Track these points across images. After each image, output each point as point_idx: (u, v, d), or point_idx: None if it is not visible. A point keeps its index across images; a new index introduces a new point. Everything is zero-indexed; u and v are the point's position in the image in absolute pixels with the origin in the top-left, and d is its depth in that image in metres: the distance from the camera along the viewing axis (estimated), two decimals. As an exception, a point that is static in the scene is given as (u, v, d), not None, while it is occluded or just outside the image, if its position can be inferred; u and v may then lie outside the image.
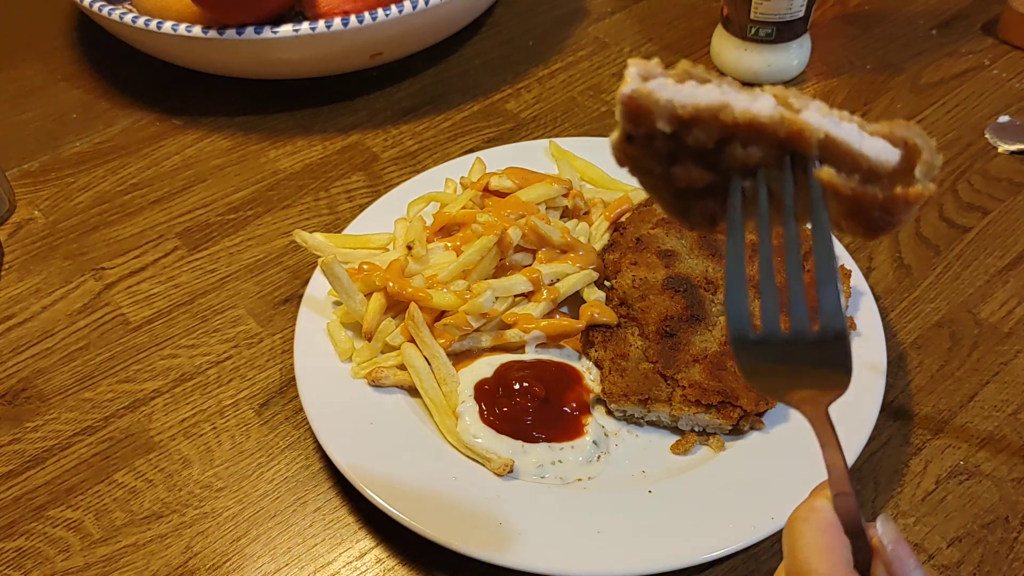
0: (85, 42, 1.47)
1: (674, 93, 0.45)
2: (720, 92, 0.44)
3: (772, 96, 0.44)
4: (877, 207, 0.43)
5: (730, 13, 1.26)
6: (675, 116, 0.44)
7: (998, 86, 1.28)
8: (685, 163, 0.46)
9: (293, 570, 0.80)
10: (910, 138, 0.43)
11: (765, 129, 0.43)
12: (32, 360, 0.98)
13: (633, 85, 0.45)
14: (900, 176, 0.43)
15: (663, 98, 0.44)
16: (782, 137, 0.43)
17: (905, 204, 0.43)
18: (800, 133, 0.43)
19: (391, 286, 0.88)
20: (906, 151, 0.43)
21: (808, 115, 0.43)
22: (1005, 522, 0.80)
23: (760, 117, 0.43)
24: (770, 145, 0.44)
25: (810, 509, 0.50)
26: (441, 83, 1.34)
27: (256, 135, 1.27)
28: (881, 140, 0.44)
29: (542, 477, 0.80)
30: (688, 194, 0.48)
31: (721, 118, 0.43)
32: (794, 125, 0.43)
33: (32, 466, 0.88)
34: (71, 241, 1.12)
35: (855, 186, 0.43)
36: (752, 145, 0.44)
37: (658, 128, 0.45)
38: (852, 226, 0.46)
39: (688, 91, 0.45)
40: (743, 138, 0.44)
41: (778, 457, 0.80)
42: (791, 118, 0.43)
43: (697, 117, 0.44)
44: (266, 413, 0.92)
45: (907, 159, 0.43)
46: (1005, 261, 1.04)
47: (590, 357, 0.90)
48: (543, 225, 0.93)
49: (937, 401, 0.90)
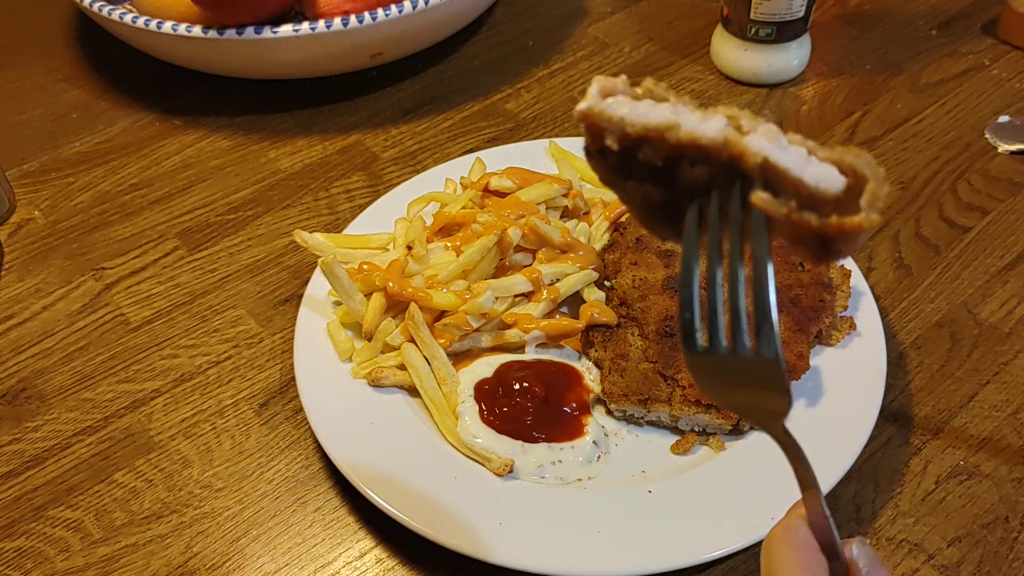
0: (85, 42, 1.47)
1: (627, 111, 0.45)
2: (672, 111, 0.45)
3: (724, 116, 0.44)
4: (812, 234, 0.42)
5: (730, 13, 1.26)
6: (624, 134, 0.45)
7: (998, 86, 1.28)
8: (640, 179, 0.47)
9: (293, 570, 0.80)
10: (859, 166, 0.42)
11: (708, 150, 0.44)
12: (32, 360, 0.98)
13: (589, 102, 0.46)
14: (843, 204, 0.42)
15: (615, 116, 0.45)
16: (725, 159, 0.44)
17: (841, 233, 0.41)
18: (741, 156, 0.43)
19: (391, 286, 0.88)
20: (853, 179, 0.43)
21: (752, 138, 0.43)
22: (1005, 522, 0.80)
23: (703, 139, 0.43)
24: (716, 166, 0.44)
25: (786, 528, 0.50)
26: (441, 83, 1.34)
27: (256, 135, 1.27)
28: (829, 166, 0.43)
29: (542, 477, 0.80)
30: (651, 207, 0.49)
31: (667, 137, 0.44)
32: (735, 148, 0.43)
33: (32, 466, 0.88)
34: (71, 241, 1.12)
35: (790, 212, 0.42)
36: (699, 165, 0.45)
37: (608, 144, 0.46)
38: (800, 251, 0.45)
39: (642, 109, 0.45)
40: (690, 157, 0.45)
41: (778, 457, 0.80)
42: (733, 141, 0.43)
43: (645, 136, 0.45)
44: (266, 413, 0.92)
45: (853, 187, 0.42)
46: (1005, 261, 1.04)
47: (590, 357, 0.90)
48: (543, 225, 0.93)
49: (937, 401, 0.90)
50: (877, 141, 1.21)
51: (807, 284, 0.89)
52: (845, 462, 0.78)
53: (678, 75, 1.34)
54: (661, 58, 1.37)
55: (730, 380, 0.47)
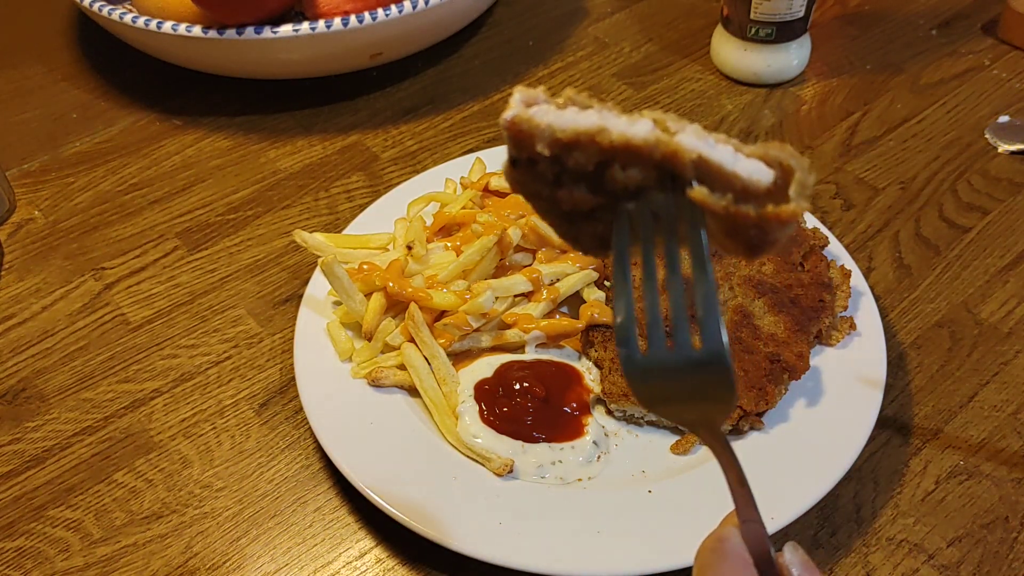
0: (85, 42, 1.47)
1: (554, 118, 0.46)
2: (599, 117, 0.45)
3: (650, 120, 0.45)
4: (751, 225, 0.44)
5: (730, 13, 1.26)
6: (555, 140, 0.46)
7: (998, 86, 1.28)
8: (569, 186, 0.47)
9: (293, 570, 0.80)
10: (784, 159, 0.44)
11: (640, 151, 0.44)
12: (32, 360, 0.98)
13: (515, 110, 0.46)
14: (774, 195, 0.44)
15: (543, 122, 0.46)
16: (658, 159, 0.45)
17: (778, 222, 0.43)
18: (674, 155, 0.44)
19: (391, 286, 0.88)
20: (780, 171, 0.44)
21: (683, 137, 0.44)
22: (1005, 522, 0.80)
23: (635, 140, 0.44)
24: (648, 167, 0.45)
25: (718, 539, 0.50)
26: (441, 83, 1.34)
27: (256, 135, 1.27)
28: (756, 161, 0.45)
29: (542, 477, 0.80)
30: (576, 217, 0.49)
31: (598, 141, 0.45)
32: (668, 147, 0.44)
33: (32, 466, 0.88)
34: (71, 241, 1.12)
35: (728, 204, 0.44)
36: (631, 167, 0.45)
37: (538, 151, 0.46)
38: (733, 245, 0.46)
39: (568, 116, 0.46)
40: (622, 160, 0.45)
41: (778, 457, 0.80)
42: (665, 140, 0.44)
43: (576, 140, 0.45)
44: (266, 413, 0.92)
45: (781, 178, 0.44)
46: (1005, 261, 1.04)
47: (590, 357, 0.90)
48: (543, 225, 0.93)
49: (937, 401, 0.90)
50: (877, 141, 1.21)
51: (807, 284, 0.89)
52: (845, 462, 0.78)
53: (678, 75, 1.34)
54: (661, 58, 1.37)
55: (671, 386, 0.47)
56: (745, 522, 0.49)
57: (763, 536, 0.49)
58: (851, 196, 1.13)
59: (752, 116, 1.26)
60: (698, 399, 0.47)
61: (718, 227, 0.45)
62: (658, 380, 0.47)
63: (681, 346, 0.45)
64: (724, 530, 0.50)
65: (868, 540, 0.79)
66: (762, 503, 0.75)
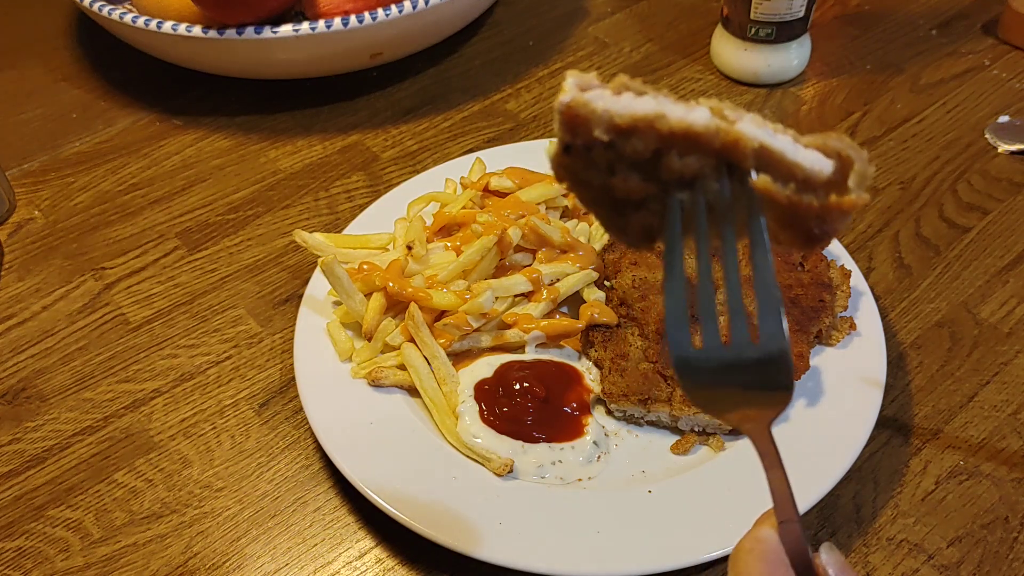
0: (85, 42, 1.47)
1: (612, 103, 0.45)
2: (656, 103, 0.44)
3: (707, 108, 0.45)
4: (813, 216, 0.44)
5: (730, 13, 1.26)
6: (613, 125, 0.44)
7: (998, 86, 1.28)
8: (623, 173, 0.46)
9: (293, 570, 0.80)
10: (843, 149, 0.44)
11: (701, 139, 0.44)
12: (32, 360, 0.98)
13: (571, 94, 0.45)
14: (834, 186, 0.44)
15: (601, 107, 0.44)
16: (718, 147, 0.44)
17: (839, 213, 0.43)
18: (736, 143, 0.43)
19: (391, 286, 0.88)
20: (839, 162, 0.44)
21: (743, 126, 0.44)
22: (1005, 522, 0.80)
23: (695, 127, 0.43)
24: (706, 155, 0.44)
25: (755, 540, 0.49)
26: (441, 83, 1.34)
27: (256, 135, 1.27)
28: (815, 151, 0.44)
29: (542, 477, 0.80)
30: (626, 207, 0.48)
31: (657, 127, 0.44)
32: (729, 135, 0.43)
33: (32, 466, 0.88)
34: (71, 241, 1.12)
35: (791, 194, 0.43)
36: (689, 155, 0.44)
37: (596, 137, 0.45)
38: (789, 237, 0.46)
39: (625, 101, 0.45)
40: (680, 148, 0.44)
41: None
42: (726, 128, 0.43)
43: (634, 126, 0.44)
44: (266, 413, 0.92)
45: (840, 170, 0.44)
46: (1005, 261, 1.04)
47: (590, 357, 0.90)
48: (543, 225, 0.93)
49: (937, 401, 0.90)
50: (877, 141, 1.21)
51: (807, 284, 0.89)
52: (845, 462, 0.78)
53: (678, 75, 1.34)
54: (661, 58, 1.37)
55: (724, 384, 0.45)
56: (783, 523, 0.48)
57: (801, 537, 0.47)
58: (851, 196, 1.13)
59: (752, 116, 1.26)
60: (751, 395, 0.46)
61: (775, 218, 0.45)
62: (709, 375, 0.45)
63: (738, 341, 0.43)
64: (761, 531, 0.49)
65: (868, 540, 0.79)
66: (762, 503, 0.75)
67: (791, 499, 0.48)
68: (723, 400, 0.47)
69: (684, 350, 0.45)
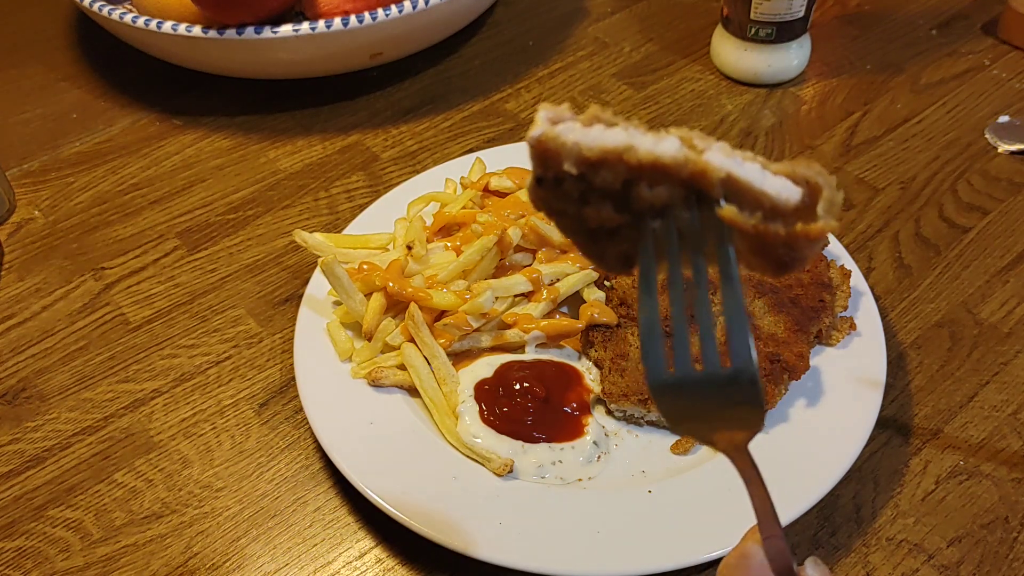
0: (85, 42, 1.47)
1: (581, 136, 0.45)
2: (626, 135, 0.45)
3: (677, 138, 0.45)
4: (780, 243, 0.44)
5: (730, 13, 1.26)
6: (582, 158, 0.45)
7: (998, 86, 1.28)
8: (594, 205, 0.47)
9: (293, 570, 0.80)
10: (811, 177, 0.44)
11: (669, 169, 0.44)
12: (32, 360, 0.98)
13: (542, 128, 0.45)
14: (802, 213, 0.44)
15: (570, 140, 0.45)
16: (685, 177, 0.44)
17: (807, 240, 0.43)
18: (703, 173, 0.44)
19: (391, 286, 0.88)
20: (808, 189, 0.44)
21: (711, 155, 0.44)
22: (1005, 522, 0.80)
23: (663, 158, 0.44)
24: (676, 185, 0.45)
25: (740, 555, 0.49)
26: (441, 83, 1.34)
27: (256, 135, 1.27)
28: (783, 179, 0.44)
29: (542, 477, 0.80)
30: (601, 235, 0.49)
31: (626, 159, 0.44)
32: (696, 165, 0.44)
33: (32, 466, 0.89)
34: (71, 241, 1.12)
35: (757, 223, 0.44)
36: (658, 185, 0.45)
37: (565, 170, 0.45)
38: (759, 263, 0.46)
39: (595, 134, 0.45)
40: (649, 179, 0.45)
41: (777, 457, 0.80)
42: (694, 159, 0.44)
43: (603, 159, 0.45)
44: (266, 413, 0.92)
45: (809, 196, 0.44)
46: (1005, 261, 1.04)
47: (590, 357, 0.90)
48: (543, 225, 0.93)
49: (937, 401, 0.90)
50: (877, 141, 1.21)
51: (807, 284, 0.89)
52: (845, 462, 0.78)
53: (678, 75, 1.34)
54: (661, 58, 1.37)
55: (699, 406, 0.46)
56: (768, 538, 0.48)
57: (786, 552, 0.48)
58: (851, 196, 1.13)
59: (752, 116, 1.26)
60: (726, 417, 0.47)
61: (745, 245, 0.45)
62: (685, 398, 0.46)
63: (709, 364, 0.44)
64: (747, 546, 0.50)
65: (868, 540, 0.79)
66: (762, 503, 0.76)
67: (774, 515, 0.48)
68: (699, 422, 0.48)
69: (659, 375, 0.46)
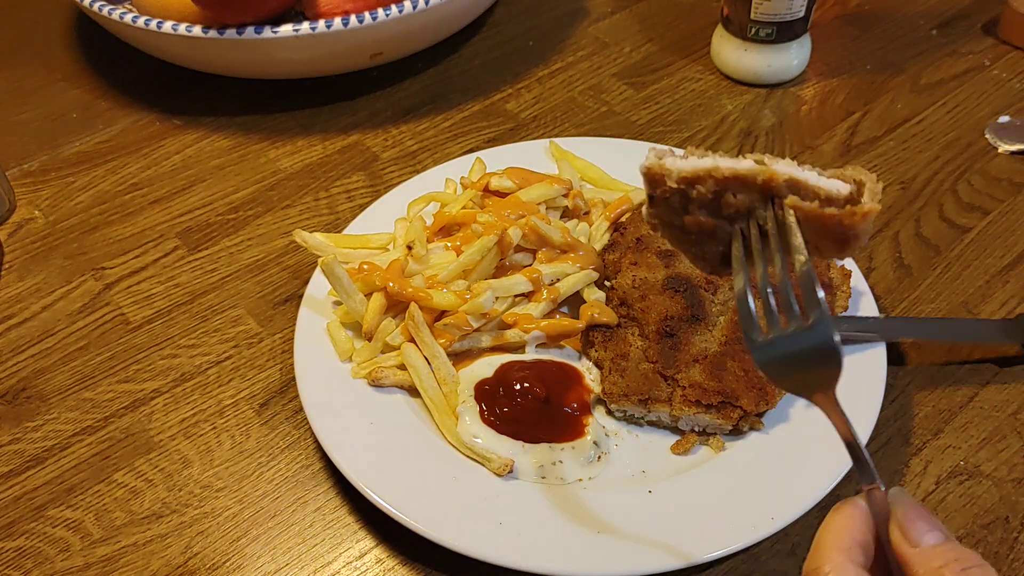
0: (85, 42, 1.47)
1: (680, 163, 0.63)
2: (712, 159, 0.62)
3: (752, 158, 0.61)
4: (837, 223, 0.57)
5: (730, 13, 1.26)
6: (681, 176, 0.62)
7: (998, 86, 1.28)
8: (694, 213, 0.63)
9: (293, 570, 0.80)
10: (857, 175, 0.59)
11: (747, 179, 0.60)
12: (32, 360, 0.98)
13: (649, 161, 0.64)
14: (852, 201, 0.59)
15: (671, 165, 0.63)
16: (760, 184, 0.59)
17: (860, 217, 0.56)
18: (772, 178, 0.59)
19: (391, 286, 0.88)
20: (855, 184, 0.59)
21: (777, 166, 0.60)
22: (1005, 522, 0.80)
23: (741, 170, 0.60)
24: (754, 191, 0.60)
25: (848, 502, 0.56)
26: (441, 83, 1.34)
27: (256, 135, 1.27)
28: (835, 179, 0.59)
29: (542, 477, 0.80)
30: (702, 238, 0.64)
31: (714, 175, 0.61)
32: (766, 173, 0.59)
33: (32, 466, 0.88)
34: (71, 241, 1.12)
35: (815, 208, 0.58)
36: (740, 193, 0.61)
37: (668, 186, 0.63)
38: (825, 244, 0.59)
39: (690, 161, 0.62)
40: (733, 188, 0.61)
41: (778, 457, 0.80)
42: (764, 169, 0.59)
43: (696, 176, 0.61)
44: (266, 413, 0.92)
45: (856, 189, 0.59)
46: (1005, 261, 1.04)
47: (590, 357, 0.90)
48: (543, 225, 0.93)
49: (937, 401, 0.90)
50: (877, 141, 1.21)
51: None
52: (845, 462, 0.78)
53: (678, 75, 1.34)
54: (661, 58, 1.37)
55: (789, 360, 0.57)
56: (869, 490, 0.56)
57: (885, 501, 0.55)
58: (851, 196, 1.13)
59: (752, 116, 1.26)
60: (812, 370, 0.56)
61: (810, 230, 0.58)
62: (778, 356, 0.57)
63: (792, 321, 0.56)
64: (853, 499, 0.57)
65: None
66: (763, 503, 0.76)
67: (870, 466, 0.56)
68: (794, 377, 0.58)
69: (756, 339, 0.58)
